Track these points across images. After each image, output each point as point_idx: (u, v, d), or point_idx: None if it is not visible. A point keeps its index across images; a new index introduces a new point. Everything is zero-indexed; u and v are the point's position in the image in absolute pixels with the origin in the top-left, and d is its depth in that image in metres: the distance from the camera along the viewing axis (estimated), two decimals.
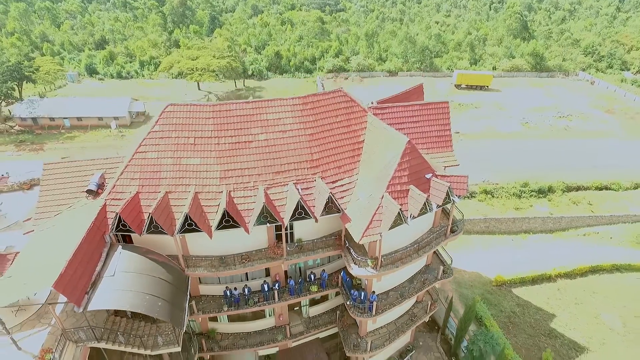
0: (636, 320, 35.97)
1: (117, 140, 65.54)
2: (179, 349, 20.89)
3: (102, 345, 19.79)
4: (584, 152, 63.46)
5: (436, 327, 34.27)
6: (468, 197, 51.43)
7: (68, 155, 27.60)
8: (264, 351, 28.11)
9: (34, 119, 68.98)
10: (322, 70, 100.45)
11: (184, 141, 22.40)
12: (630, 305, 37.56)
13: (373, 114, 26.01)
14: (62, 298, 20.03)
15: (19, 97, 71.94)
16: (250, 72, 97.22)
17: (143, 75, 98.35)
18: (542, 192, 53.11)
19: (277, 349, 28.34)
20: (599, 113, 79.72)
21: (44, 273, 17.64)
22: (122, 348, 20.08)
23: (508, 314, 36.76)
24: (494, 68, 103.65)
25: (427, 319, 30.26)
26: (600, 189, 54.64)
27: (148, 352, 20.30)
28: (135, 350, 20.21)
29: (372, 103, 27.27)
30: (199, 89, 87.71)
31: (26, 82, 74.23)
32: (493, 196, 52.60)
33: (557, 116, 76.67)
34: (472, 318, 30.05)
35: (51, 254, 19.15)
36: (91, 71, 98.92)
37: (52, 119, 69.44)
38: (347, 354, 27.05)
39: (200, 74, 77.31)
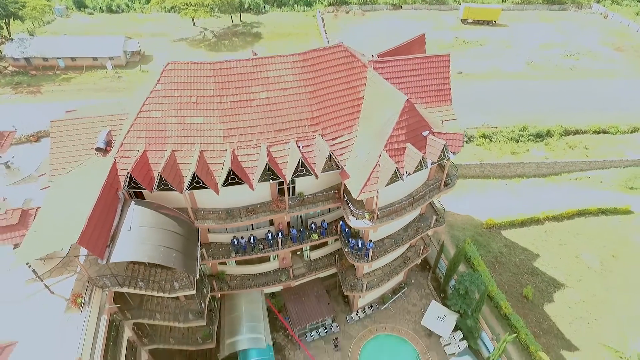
0: (612, 259, 38.71)
1: (114, 82, 64.52)
2: (193, 292, 23.22)
3: (124, 290, 22.08)
4: (589, 93, 62.68)
5: (428, 267, 37.09)
6: (466, 142, 52.18)
7: (74, 109, 27.92)
8: (269, 289, 30.93)
9: (27, 59, 67.20)
10: (322, 3, 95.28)
11: (186, 100, 22.83)
12: (609, 246, 40.11)
13: (373, 68, 26.01)
14: (84, 250, 21.92)
15: (8, 35, 69.43)
16: (246, 6, 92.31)
17: (134, 9, 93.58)
18: (539, 136, 53.67)
19: (281, 287, 31.19)
20: (608, 51, 77.20)
21: (67, 229, 19.15)
22: (142, 292, 22.39)
23: (495, 254, 39.42)
24: (504, 0, 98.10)
25: (419, 261, 32.80)
26: (598, 133, 55.09)
27: (166, 295, 22.66)
28: (154, 294, 22.55)
29: (372, 57, 27.06)
30: (194, 25, 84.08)
31: (13, 20, 71.12)
32: (491, 140, 53.25)
33: (564, 55, 74.45)
34: (461, 260, 32.52)
35: (70, 210, 20.60)
36: (79, 5, 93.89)
37: (45, 59, 67.61)
38: (345, 293, 29.87)
39: (194, 10, 73.76)
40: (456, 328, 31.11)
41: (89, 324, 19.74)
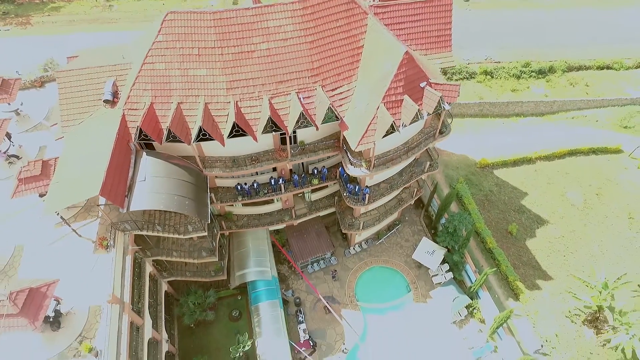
0: (595, 197, 41.00)
1: (105, 12, 61.81)
2: (205, 233, 25.63)
3: (143, 233, 24.41)
4: (599, 22, 60.08)
5: (421, 205, 39.48)
6: (467, 79, 51.80)
7: (75, 54, 28.02)
8: (273, 227, 33.51)
9: None
10: None
11: (188, 52, 23.07)
12: (595, 184, 42.14)
13: (374, 13, 25.69)
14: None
15: None
16: None
17: None
18: (542, 73, 53.00)
19: (284, 225, 33.77)
20: None
21: (87, 181, 20.76)
22: (160, 234, 24.76)
23: (486, 192, 41.61)
24: None
25: (412, 202, 35.03)
26: (602, 69, 54.27)
27: (181, 236, 25.07)
28: (170, 235, 24.94)
29: (373, 1, 26.50)
30: None
31: None
32: (492, 77, 52.67)
33: None
34: (452, 200, 34.68)
35: (87, 161, 22.03)
36: None
37: None
38: (343, 231, 32.51)
39: None
40: (443, 261, 34.31)
41: (116, 263, 22.32)
